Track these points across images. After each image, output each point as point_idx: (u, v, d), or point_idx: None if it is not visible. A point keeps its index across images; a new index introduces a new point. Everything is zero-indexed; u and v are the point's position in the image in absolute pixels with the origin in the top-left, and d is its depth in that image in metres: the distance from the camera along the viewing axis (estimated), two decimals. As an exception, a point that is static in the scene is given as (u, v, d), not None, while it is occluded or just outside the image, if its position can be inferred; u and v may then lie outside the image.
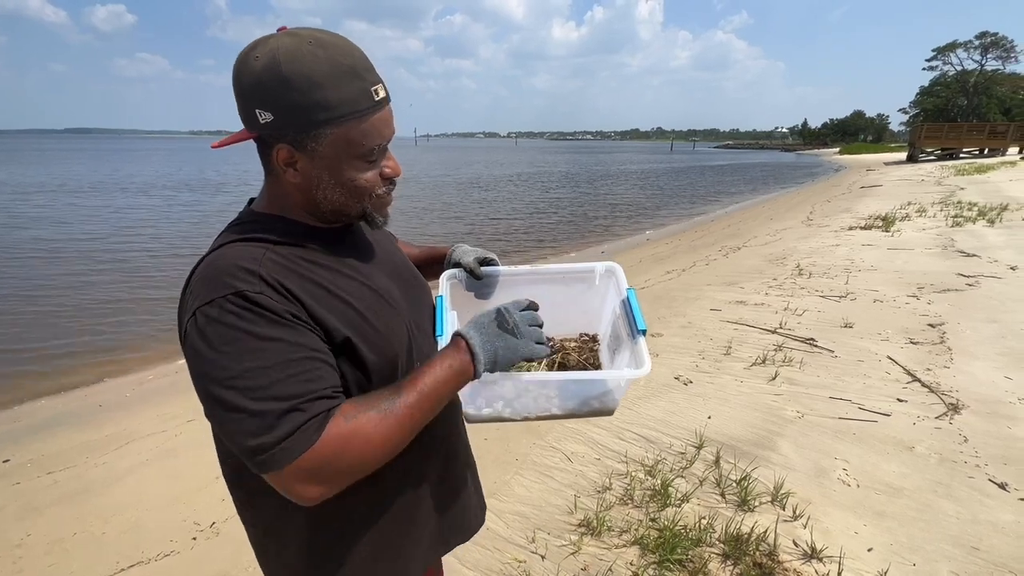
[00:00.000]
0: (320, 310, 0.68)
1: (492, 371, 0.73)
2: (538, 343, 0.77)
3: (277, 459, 0.60)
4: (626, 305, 0.92)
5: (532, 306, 0.80)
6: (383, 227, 0.79)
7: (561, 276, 1.04)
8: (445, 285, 0.95)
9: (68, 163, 35.22)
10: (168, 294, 6.24)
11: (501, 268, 1.00)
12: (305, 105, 0.64)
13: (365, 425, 0.64)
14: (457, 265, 1.00)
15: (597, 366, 1.03)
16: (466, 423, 0.93)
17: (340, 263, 0.75)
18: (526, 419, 0.89)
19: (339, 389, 0.67)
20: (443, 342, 0.79)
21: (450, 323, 0.87)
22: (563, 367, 1.01)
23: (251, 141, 0.71)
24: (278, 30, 0.68)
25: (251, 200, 0.80)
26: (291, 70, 0.63)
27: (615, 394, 0.89)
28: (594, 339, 1.09)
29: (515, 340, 0.75)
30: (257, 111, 0.66)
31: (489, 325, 0.75)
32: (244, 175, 25.73)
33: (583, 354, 1.05)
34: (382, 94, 0.70)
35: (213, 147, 0.75)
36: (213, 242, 0.72)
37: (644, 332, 0.85)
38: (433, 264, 1.07)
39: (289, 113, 0.65)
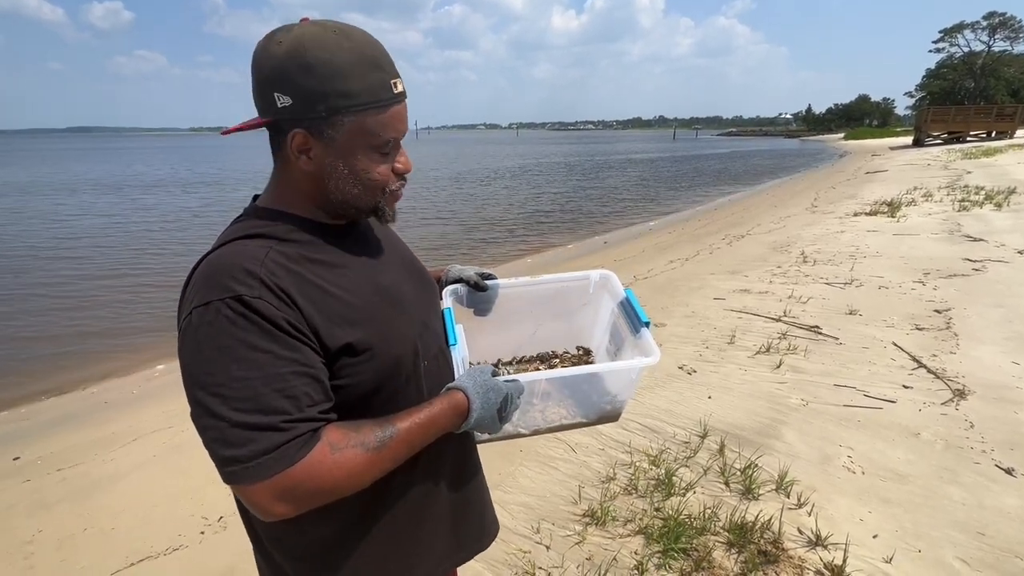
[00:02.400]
0: (319, 317, 0.66)
1: (477, 427, 0.76)
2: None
3: (249, 474, 0.59)
4: (625, 305, 0.93)
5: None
6: (392, 222, 0.80)
7: (559, 285, 1.06)
8: (448, 300, 0.96)
9: (41, 164, 34.43)
10: (168, 294, 6.28)
11: (500, 281, 1.02)
12: (326, 91, 0.64)
13: (351, 460, 0.64)
14: (458, 281, 1.01)
15: None
16: (477, 443, 0.93)
17: (346, 260, 0.74)
18: (536, 432, 0.90)
19: (326, 410, 0.66)
20: (456, 352, 0.83)
21: (459, 334, 0.89)
22: None
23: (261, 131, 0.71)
24: (300, 21, 0.68)
25: (255, 197, 0.78)
26: (316, 56, 0.64)
27: (622, 395, 0.90)
28: (587, 351, 1.11)
29: (497, 381, 0.79)
30: (276, 94, 0.65)
31: (482, 373, 0.78)
32: (219, 173, 25.19)
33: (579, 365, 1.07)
34: (400, 88, 0.70)
35: (223, 134, 0.74)
36: (218, 237, 0.71)
37: (648, 324, 0.87)
38: None
39: (309, 98, 0.65)
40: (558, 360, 1.08)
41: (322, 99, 0.65)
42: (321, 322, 0.66)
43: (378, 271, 0.77)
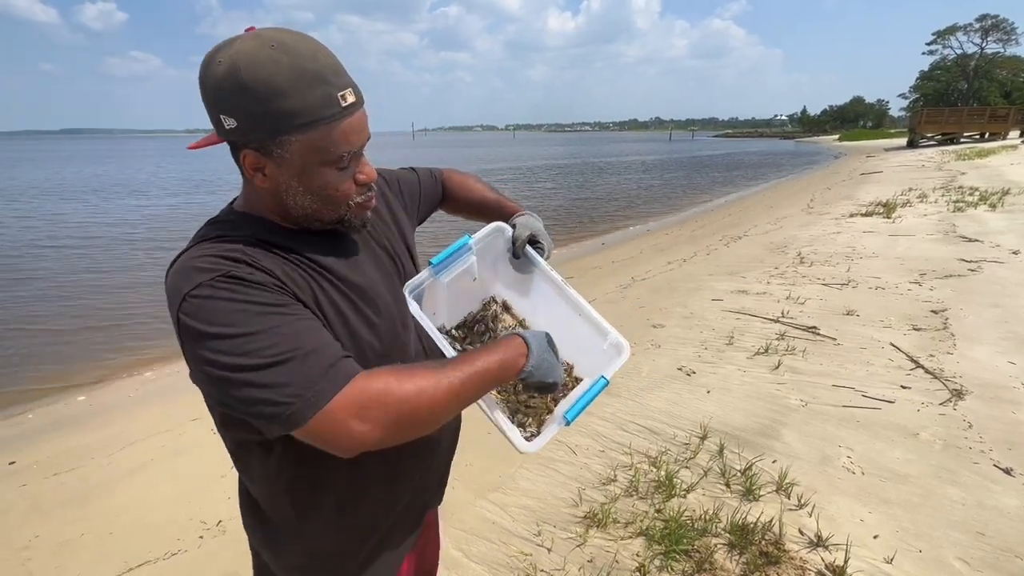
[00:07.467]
0: (311, 304, 0.69)
1: (530, 377, 0.73)
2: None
3: (317, 397, 0.58)
4: (591, 384, 0.84)
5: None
6: (362, 231, 0.80)
7: (580, 311, 0.96)
8: (488, 230, 0.96)
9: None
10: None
11: (540, 261, 0.98)
12: (266, 113, 0.63)
13: (420, 380, 0.64)
14: (513, 226, 0.99)
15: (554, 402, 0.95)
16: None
17: (319, 263, 0.74)
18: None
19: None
20: (426, 273, 0.85)
21: (461, 262, 0.89)
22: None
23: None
24: (245, 30, 0.66)
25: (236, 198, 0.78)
26: (251, 77, 0.61)
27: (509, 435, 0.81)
28: (576, 380, 0.98)
29: (555, 360, 0.77)
30: (222, 117, 0.64)
31: (542, 339, 0.77)
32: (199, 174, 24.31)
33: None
34: (351, 99, 0.67)
35: (189, 148, 0.73)
36: (192, 238, 0.71)
37: (569, 423, 0.78)
38: (496, 217, 1.04)
39: (252, 120, 0.63)
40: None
41: (263, 121, 0.63)
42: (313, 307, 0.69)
43: (352, 272, 0.77)
